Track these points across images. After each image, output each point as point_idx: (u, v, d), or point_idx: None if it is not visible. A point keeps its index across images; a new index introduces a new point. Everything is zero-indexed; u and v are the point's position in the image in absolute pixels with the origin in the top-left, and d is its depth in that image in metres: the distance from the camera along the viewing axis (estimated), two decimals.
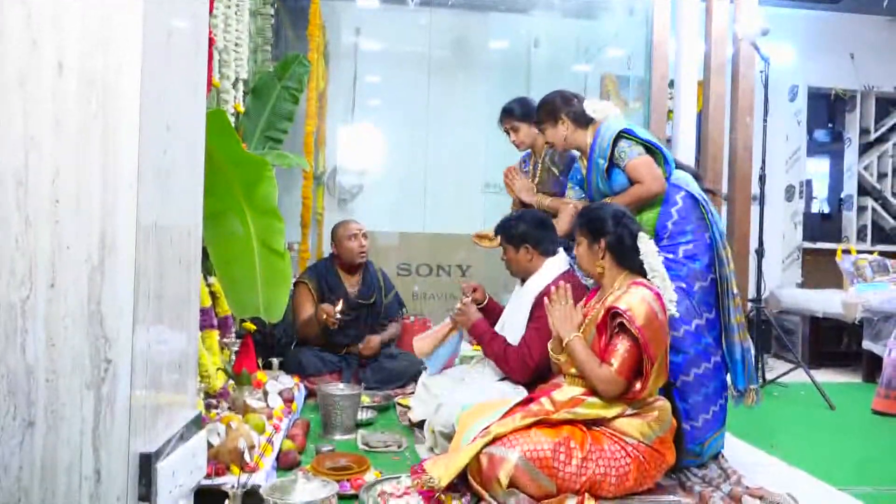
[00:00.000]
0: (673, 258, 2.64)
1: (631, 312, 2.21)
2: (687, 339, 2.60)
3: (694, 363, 2.60)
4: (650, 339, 2.19)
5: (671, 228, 2.68)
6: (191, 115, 1.52)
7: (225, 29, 3.15)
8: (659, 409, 2.26)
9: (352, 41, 6.04)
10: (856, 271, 5.36)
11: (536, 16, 6.18)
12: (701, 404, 2.60)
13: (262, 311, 2.88)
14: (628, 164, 2.68)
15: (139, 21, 1.23)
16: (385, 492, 2.16)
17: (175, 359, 1.45)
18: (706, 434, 2.60)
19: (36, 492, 1.19)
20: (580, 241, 2.47)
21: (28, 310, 1.19)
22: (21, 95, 1.21)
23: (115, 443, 1.21)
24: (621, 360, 2.20)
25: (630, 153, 2.68)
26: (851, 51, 6.24)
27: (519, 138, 3.37)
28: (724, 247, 2.70)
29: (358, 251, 3.91)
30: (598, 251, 2.40)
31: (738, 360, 2.71)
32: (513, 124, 3.36)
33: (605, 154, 2.71)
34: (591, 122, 2.80)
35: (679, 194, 2.70)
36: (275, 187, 2.72)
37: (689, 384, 2.60)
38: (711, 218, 2.69)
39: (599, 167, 2.73)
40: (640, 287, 2.31)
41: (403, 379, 3.90)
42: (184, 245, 1.48)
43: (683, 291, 2.60)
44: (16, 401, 1.19)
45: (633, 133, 2.70)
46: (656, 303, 2.27)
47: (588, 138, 2.81)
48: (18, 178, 1.20)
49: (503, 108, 3.42)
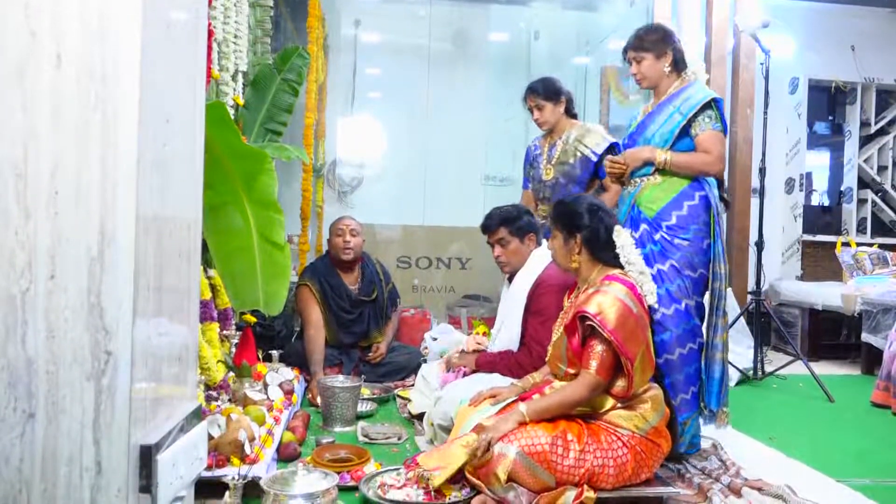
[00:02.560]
0: (668, 241, 2.65)
1: (601, 316, 2.17)
2: (676, 318, 2.62)
3: (680, 343, 2.62)
4: (625, 338, 2.16)
5: (675, 220, 2.67)
6: (190, 108, 1.51)
7: (224, 21, 3.13)
8: (651, 398, 2.25)
9: (351, 33, 6.02)
10: (855, 264, 5.36)
11: (536, 7, 6.17)
12: (682, 384, 2.63)
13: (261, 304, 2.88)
14: (705, 133, 2.67)
15: (138, 13, 1.23)
16: (385, 483, 2.17)
17: (175, 351, 1.45)
18: (683, 414, 2.63)
19: (37, 483, 1.19)
20: (555, 236, 2.43)
21: (28, 302, 1.19)
22: (20, 87, 1.20)
23: (115, 434, 1.21)
24: (600, 360, 2.17)
25: (713, 124, 2.68)
26: (852, 43, 6.22)
27: (543, 117, 3.36)
28: (723, 263, 2.68)
29: (342, 248, 3.87)
30: (573, 246, 2.37)
31: (717, 379, 2.71)
32: (538, 102, 3.35)
33: (689, 111, 2.67)
34: (680, 74, 2.78)
35: (699, 192, 2.69)
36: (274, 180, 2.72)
37: (673, 363, 2.62)
38: (717, 228, 2.67)
39: (673, 119, 2.70)
40: (613, 283, 2.26)
41: (404, 372, 3.91)
42: (184, 237, 1.48)
43: (675, 270, 2.63)
44: (16, 392, 1.19)
45: (721, 108, 2.71)
46: (630, 297, 2.23)
47: (670, 86, 2.77)
48: (17, 170, 1.20)
49: (529, 86, 3.40)
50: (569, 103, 3.45)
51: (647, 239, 2.68)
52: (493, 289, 3.28)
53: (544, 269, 2.84)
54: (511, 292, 2.95)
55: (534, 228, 2.97)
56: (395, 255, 5.67)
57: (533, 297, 2.81)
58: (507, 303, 3.00)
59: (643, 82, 2.81)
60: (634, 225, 2.73)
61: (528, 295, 2.83)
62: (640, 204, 2.73)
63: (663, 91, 2.78)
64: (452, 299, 5.62)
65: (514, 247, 2.94)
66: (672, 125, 2.69)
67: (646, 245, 2.66)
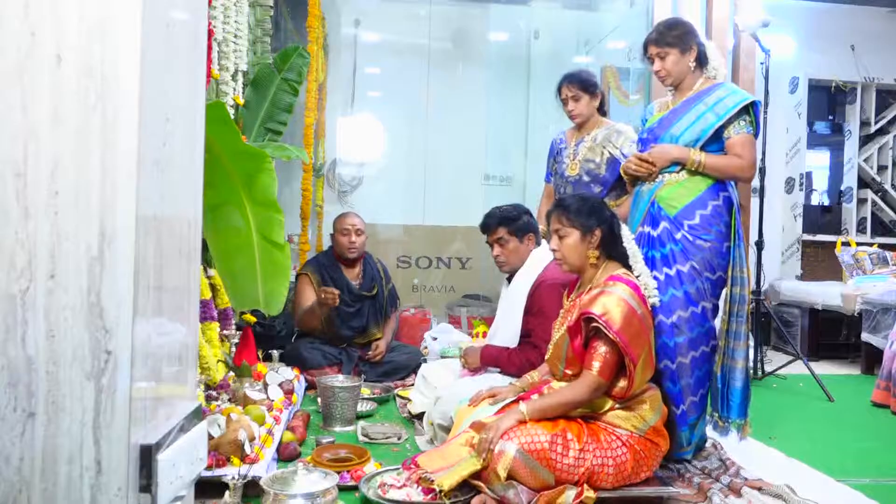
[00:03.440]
0: (690, 241, 2.58)
1: (607, 317, 2.15)
2: (692, 321, 2.56)
3: (693, 346, 2.57)
4: (630, 340, 2.15)
5: (699, 220, 2.59)
6: (190, 107, 1.51)
7: (224, 20, 3.13)
8: (649, 399, 2.25)
9: (351, 32, 6.02)
10: (855, 263, 5.36)
11: (536, 7, 6.16)
12: (692, 387, 2.59)
13: (261, 304, 2.89)
14: (739, 137, 2.60)
15: (138, 12, 1.23)
16: (385, 483, 2.17)
17: (175, 350, 1.45)
18: (692, 417, 2.59)
19: (37, 482, 1.19)
20: (568, 234, 2.34)
21: (28, 301, 1.19)
22: (19, 87, 1.20)
23: (115, 434, 1.21)
24: (603, 361, 2.16)
25: (747, 128, 2.62)
26: (852, 42, 6.22)
27: (578, 108, 3.26)
28: (744, 267, 2.62)
29: (347, 247, 3.90)
30: (591, 242, 2.32)
31: (739, 388, 2.65)
32: (576, 93, 3.24)
33: (725, 113, 2.59)
34: (703, 70, 2.72)
35: (723, 192, 2.63)
36: (274, 179, 2.72)
37: (685, 366, 2.57)
38: (739, 232, 2.61)
39: (706, 120, 2.61)
40: (618, 283, 2.24)
41: (404, 371, 3.91)
42: (184, 236, 1.48)
43: (696, 272, 2.56)
44: (16, 392, 1.19)
45: (758, 111, 2.65)
46: (634, 298, 2.21)
47: (695, 83, 2.70)
48: (17, 170, 1.20)
49: (567, 75, 3.29)
50: (602, 100, 3.36)
51: (668, 238, 2.59)
52: (493, 288, 3.28)
53: (544, 268, 2.83)
54: (510, 292, 2.95)
55: (533, 228, 2.97)
56: (395, 255, 5.67)
57: (534, 296, 2.81)
58: (506, 302, 3.00)
59: (667, 79, 2.71)
60: (654, 223, 2.64)
61: (528, 295, 2.83)
62: (662, 201, 2.63)
63: (688, 87, 2.70)
64: (452, 299, 5.62)
65: (514, 246, 2.93)
66: (705, 125, 2.61)
67: (666, 244, 2.59)
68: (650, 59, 2.73)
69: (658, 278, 2.56)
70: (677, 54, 2.66)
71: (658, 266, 2.59)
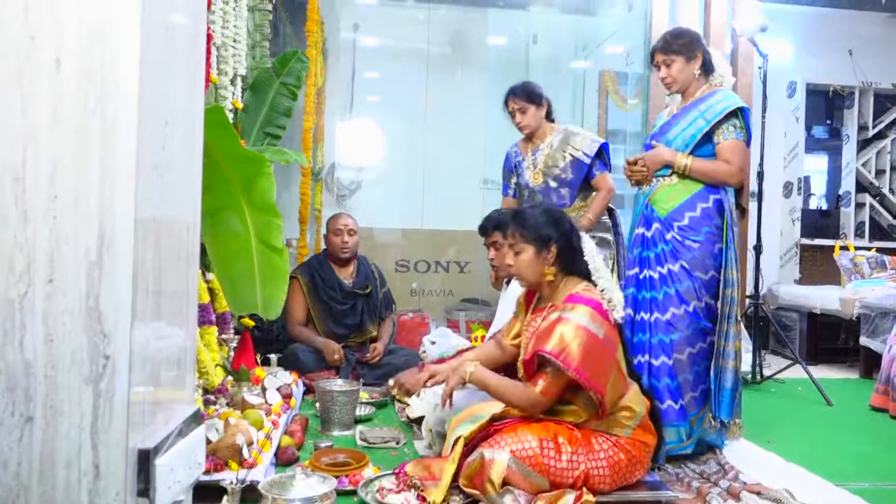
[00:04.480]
0: (679, 241, 2.65)
1: (564, 354, 2.05)
2: (685, 319, 2.63)
3: (689, 342, 2.63)
4: (592, 374, 2.06)
5: (687, 221, 2.67)
6: (189, 111, 1.51)
7: (223, 25, 3.14)
8: (629, 400, 2.21)
9: (350, 37, 6.02)
10: (853, 268, 5.37)
11: (535, 12, 6.17)
12: (690, 382, 2.64)
13: (260, 308, 2.88)
14: (728, 142, 2.66)
15: (137, 17, 1.23)
16: (383, 487, 2.17)
17: (174, 354, 1.45)
18: (693, 412, 2.63)
19: (35, 487, 1.19)
20: (522, 249, 2.24)
21: (26, 305, 1.19)
22: (19, 91, 1.20)
23: (113, 438, 1.20)
24: (548, 384, 2.12)
25: (737, 133, 2.68)
26: (850, 47, 6.24)
27: (525, 120, 3.33)
28: (735, 269, 2.66)
29: (340, 247, 3.94)
30: (547, 258, 2.23)
31: (729, 388, 2.69)
32: (521, 105, 3.31)
33: (714, 117, 2.66)
34: (708, 77, 2.78)
35: (713, 195, 2.69)
36: (273, 184, 2.72)
37: (682, 362, 2.63)
38: (731, 233, 2.66)
39: (696, 124, 2.69)
40: (577, 306, 2.13)
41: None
42: (182, 241, 1.48)
43: (686, 271, 2.63)
44: (14, 396, 1.19)
45: (747, 117, 2.69)
46: (595, 320, 2.11)
47: (698, 90, 2.76)
48: (16, 173, 1.20)
49: (510, 89, 3.37)
50: (549, 108, 3.45)
51: (659, 238, 2.69)
52: (491, 292, 3.28)
53: None
54: (508, 295, 2.96)
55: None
56: (393, 259, 5.67)
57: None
58: (504, 305, 3.01)
59: (673, 86, 2.77)
60: (647, 224, 2.75)
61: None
62: (654, 203, 2.75)
63: (691, 94, 2.77)
64: (451, 303, 5.62)
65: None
66: (695, 130, 2.69)
67: (657, 244, 2.68)
68: (656, 66, 2.79)
69: (652, 277, 2.67)
70: (683, 62, 2.72)
71: (652, 265, 2.69)
